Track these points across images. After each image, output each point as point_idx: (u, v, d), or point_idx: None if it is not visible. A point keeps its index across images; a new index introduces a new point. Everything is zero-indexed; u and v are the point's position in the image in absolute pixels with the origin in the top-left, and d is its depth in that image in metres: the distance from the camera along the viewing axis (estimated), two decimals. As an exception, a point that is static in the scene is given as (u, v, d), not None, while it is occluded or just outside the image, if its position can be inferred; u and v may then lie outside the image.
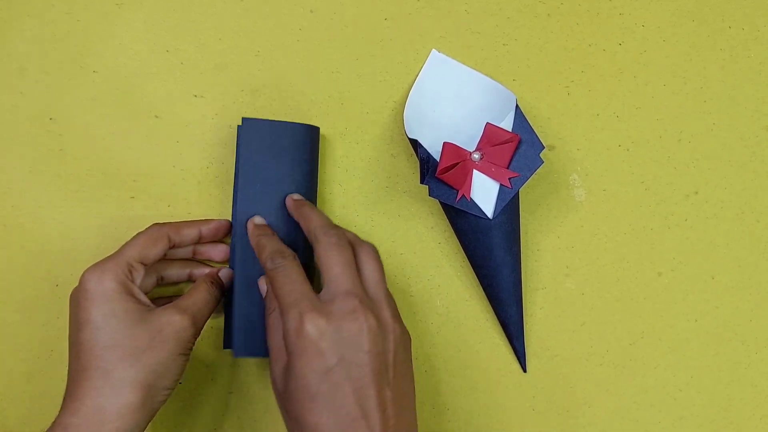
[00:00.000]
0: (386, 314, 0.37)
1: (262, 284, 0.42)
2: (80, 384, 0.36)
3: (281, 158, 0.43)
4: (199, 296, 0.40)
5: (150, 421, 0.38)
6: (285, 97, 0.45)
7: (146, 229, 0.41)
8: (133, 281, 0.38)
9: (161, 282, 0.43)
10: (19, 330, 0.45)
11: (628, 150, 0.46)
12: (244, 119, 0.43)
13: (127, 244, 0.39)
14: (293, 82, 0.45)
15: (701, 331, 0.47)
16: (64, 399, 0.37)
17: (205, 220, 0.44)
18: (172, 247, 0.42)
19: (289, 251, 0.39)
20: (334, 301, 0.36)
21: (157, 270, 0.43)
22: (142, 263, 0.39)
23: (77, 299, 0.37)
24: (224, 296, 0.44)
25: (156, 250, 0.40)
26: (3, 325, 0.45)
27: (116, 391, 0.36)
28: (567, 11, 0.46)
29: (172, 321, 0.38)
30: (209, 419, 0.45)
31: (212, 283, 0.42)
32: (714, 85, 0.47)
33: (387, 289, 0.39)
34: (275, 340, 0.38)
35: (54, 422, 0.36)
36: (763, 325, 0.47)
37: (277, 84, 0.45)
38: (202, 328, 0.40)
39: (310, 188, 0.44)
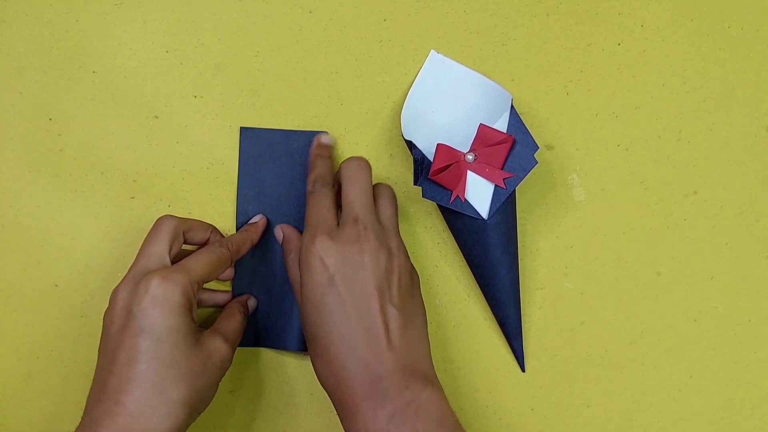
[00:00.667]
0: (393, 243, 0.39)
1: (279, 232, 0.44)
2: (130, 393, 0.35)
3: (278, 163, 0.45)
4: (237, 325, 0.41)
5: None
6: (284, 98, 0.45)
7: (214, 247, 0.40)
8: (194, 300, 0.38)
9: None
10: (19, 330, 0.45)
11: (627, 150, 0.46)
12: (242, 128, 0.44)
13: (195, 258, 0.38)
14: (292, 83, 0.45)
15: (700, 331, 0.47)
16: (105, 397, 0.35)
17: (253, 225, 0.44)
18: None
19: (331, 182, 0.42)
20: (344, 226, 0.38)
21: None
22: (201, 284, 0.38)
23: (139, 302, 0.36)
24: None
25: (217, 274, 0.39)
26: (2, 325, 0.45)
27: (169, 411, 0.35)
28: (566, 11, 0.46)
29: (220, 348, 0.38)
30: (210, 418, 0.46)
31: (243, 313, 0.42)
32: (713, 84, 0.47)
33: (397, 226, 0.41)
34: (294, 275, 0.41)
35: (98, 420, 0.35)
36: (762, 325, 0.47)
37: (276, 84, 0.45)
38: None
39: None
